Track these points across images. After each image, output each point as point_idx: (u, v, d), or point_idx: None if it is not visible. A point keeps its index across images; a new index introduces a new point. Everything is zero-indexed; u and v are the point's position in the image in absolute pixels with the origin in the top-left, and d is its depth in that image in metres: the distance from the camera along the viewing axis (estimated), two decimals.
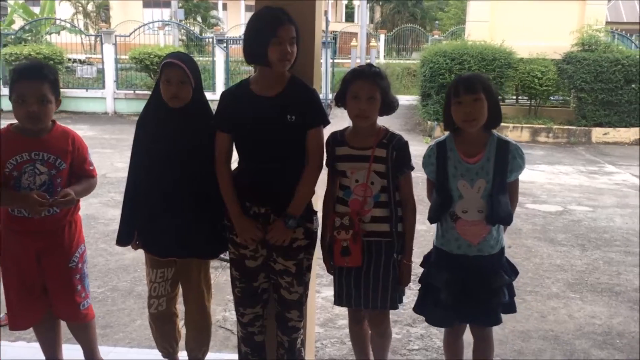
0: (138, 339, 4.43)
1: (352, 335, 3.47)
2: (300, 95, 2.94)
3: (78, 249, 3.32)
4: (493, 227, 3.06)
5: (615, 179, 10.86)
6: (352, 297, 3.17)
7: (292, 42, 2.84)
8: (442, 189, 3.08)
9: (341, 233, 3.06)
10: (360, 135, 3.10)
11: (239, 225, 2.99)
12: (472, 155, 3.03)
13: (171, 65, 3.03)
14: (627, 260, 6.46)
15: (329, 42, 18.16)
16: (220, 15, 38.59)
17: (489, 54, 14.39)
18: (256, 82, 2.99)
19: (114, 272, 5.76)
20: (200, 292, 3.33)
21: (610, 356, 4.37)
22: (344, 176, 3.11)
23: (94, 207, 7.72)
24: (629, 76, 14.32)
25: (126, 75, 18.98)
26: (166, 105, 3.07)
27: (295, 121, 2.90)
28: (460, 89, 2.96)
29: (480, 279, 3.07)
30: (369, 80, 3.00)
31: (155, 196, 3.14)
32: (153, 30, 22.31)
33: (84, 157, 3.27)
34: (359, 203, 3.07)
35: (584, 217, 8.16)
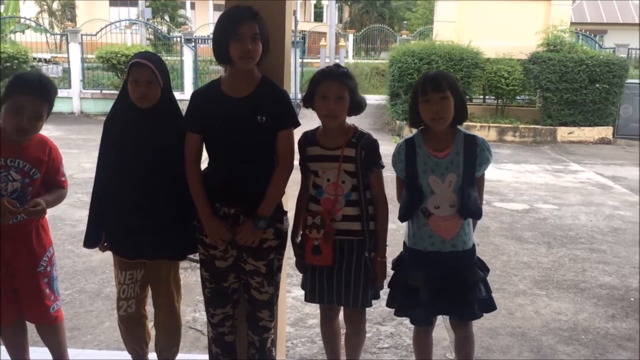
0: (107, 341, 4.39)
1: (324, 334, 3.48)
2: (271, 97, 2.94)
3: (46, 252, 3.28)
4: (465, 222, 3.10)
5: (580, 177, 11.05)
6: (324, 294, 3.18)
7: (254, 40, 2.82)
8: (412, 186, 3.10)
9: (313, 232, 3.08)
10: (330, 135, 3.12)
11: (209, 226, 2.98)
12: (441, 150, 3.07)
13: (139, 65, 3.00)
14: (592, 257, 6.58)
15: (297, 41, 18.16)
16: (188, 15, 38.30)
17: (456, 54, 14.53)
18: (226, 83, 2.98)
19: (82, 274, 5.69)
20: (169, 294, 3.30)
21: (575, 352, 4.45)
22: (316, 176, 3.14)
23: (60, 208, 7.57)
24: (593, 76, 14.59)
25: (93, 74, 18.74)
26: (134, 105, 3.04)
27: (266, 122, 2.90)
28: (427, 87, 2.99)
29: (456, 275, 3.10)
30: (337, 80, 3.03)
31: (123, 197, 3.11)
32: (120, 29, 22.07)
33: (58, 168, 3.25)
34: (331, 202, 3.09)
35: (549, 215, 8.29)
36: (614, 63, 14.68)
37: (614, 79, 14.63)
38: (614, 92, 14.79)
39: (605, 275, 6.03)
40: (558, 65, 14.60)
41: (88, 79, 18.48)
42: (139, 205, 3.09)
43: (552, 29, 15.32)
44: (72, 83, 18.08)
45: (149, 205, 3.09)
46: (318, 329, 4.60)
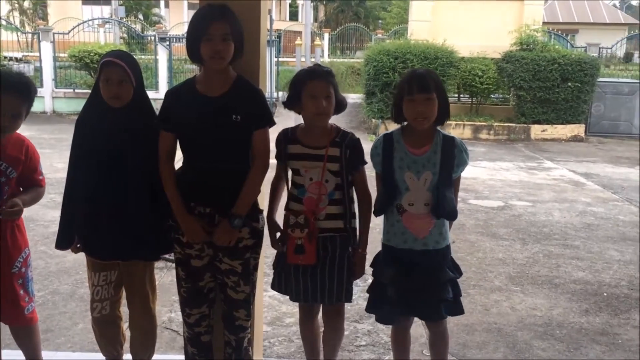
0: (80, 343, 4.33)
1: (303, 332, 3.47)
2: (246, 96, 2.92)
3: (22, 253, 3.23)
4: (439, 222, 3.10)
5: (553, 174, 11.18)
6: (308, 293, 3.17)
7: (225, 39, 2.79)
8: (388, 181, 3.11)
9: (296, 231, 3.07)
10: (313, 134, 3.12)
11: (185, 225, 2.95)
12: (419, 147, 3.07)
13: (110, 65, 2.96)
14: (566, 253, 6.66)
15: (273, 40, 18.12)
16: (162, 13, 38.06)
17: (431, 52, 14.59)
18: (201, 82, 2.95)
19: (55, 275, 5.61)
20: (144, 295, 3.27)
21: (550, 346, 4.50)
22: (298, 174, 3.13)
23: (33, 209, 7.41)
24: (565, 75, 14.75)
25: (65, 73, 18.50)
26: (106, 104, 3.00)
27: (241, 121, 2.88)
28: (414, 87, 2.98)
29: (426, 274, 3.10)
30: (324, 79, 3.05)
31: (95, 198, 3.06)
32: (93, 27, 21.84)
33: (35, 167, 3.21)
34: (314, 201, 3.09)
35: (524, 212, 8.37)
36: (585, 62, 14.86)
37: (585, 78, 14.80)
38: (586, 91, 14.97)
39: (578, 271, 6.10)
40: (531, 64, 14.74)
41: (60, 78, 18.24)
42: (112, 205, 3.05)
43: (525, 29, 15.47)
44: (44, 82, 17.81)
45: (122, 205, 3.05)
46: (295, 327, 4.61)
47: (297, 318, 4.63)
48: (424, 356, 4.25)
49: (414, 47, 14.86)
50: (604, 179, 10.78)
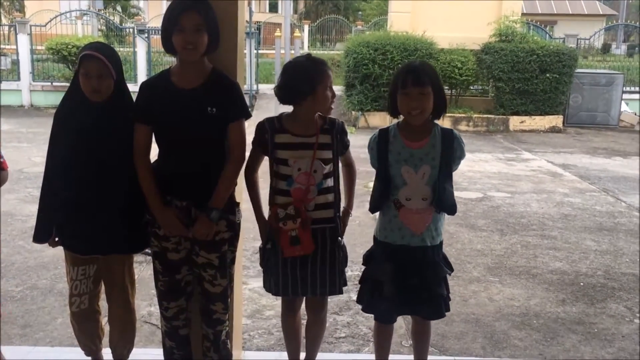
0: (59, 338, 4.31)
1: (285, 325, 3.46)
2: (221, 88, 2.91)
3: None
4: (436, 217, 3.10)
5: (531, 165, 11.27)
6: (298, 286, 3.17)
7: (197, 30, 2.77)
8: (383, 176, 3.10)
9: (288, 223, 3.05)
10: (302, 122, 3.10)
11: (161, 218, 2.94)
12: (416, 140, 3.06)
13: (90, 58, 2.91)
14: (543, 244, 6.73)
15: (252, 32, 18.03)
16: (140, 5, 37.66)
17: (410, 44, 14.60)
18: (176, 74, 2.94)
19: (33, 270, 5.57)
20: (124, 289, 3.26)
21: (528, 336, 4.56)
22: (285, 165, 3.09)
23: (10, 203, 7.43)
24: (543, 66, 14.84)
25: (43, 66, 18.27)
26: (86, 98, 2.96)
27: (216, 114, 2.87)
28: (408, 80, 2.96)
29: (424, 271, 3.11)
30: (328, 68, 3.09)
31: (74, 192, 3.04)
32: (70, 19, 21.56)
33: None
34: (302, 192, 3.07)
35: (502, 203, 8.45)
36: (563, 53, 14.96)
37: (563, 69, 14.91)
38: (564, 82, 15.07)
39: (555, 261, 6.18)
40: (510, 56, 14.81)
41: (38, 70, 18.01)
42: (91, 200, 3.03)
43: (503, 20, 15.53)
44: (21, 75, 17.59)
45: (101, 199, 3.03)
46: (275, 320, 4.63)
47: (277, 311, 4.68)
48: (402, 347, 4.29)
49: (393, 39, 14.86)
50: (581, 169, 10.90)
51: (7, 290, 5.11)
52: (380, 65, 14.48)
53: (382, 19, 26.33)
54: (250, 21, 18.25)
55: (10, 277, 5.40)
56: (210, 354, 3.18)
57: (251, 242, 5.70)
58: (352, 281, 3.80)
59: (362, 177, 3.23)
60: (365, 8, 41.29)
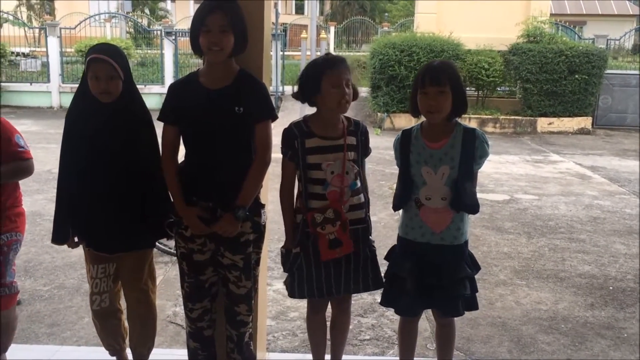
0: (86, 337, 4.35)
1: (311, 326, 3.44)
2: (248, 88, 2.91)
3: (9, 233, 3.21)
4: (457, 217, 3.08)
5: (559, 167, 11.13)
6: (323, 287, 3.16)
7: (223, 31, 2.77)
8: (405, 176, 3.11)
9: (327, 227, 3.04)
10: (328, 125, 3.09)
11: (188, 218, 2.94)
12: (437, 141, 3.05)
13: (97, 61, 2.93)
14: (571, 247, 6.64)
15: (279, 34, 18.08)
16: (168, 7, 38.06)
17: (437, 45, 14.53)
18: (204, 75, 2.94)
19: (61, 270, 5.64)
20: (143, 285, 3.27)
21: (555, 340, 4.49)
22: (318, 169, 3.06)
23: (39, 203, 7.53)
24: (572, 67, 14.67)
25: (72, 68, 18.51)
26: (95, 99, 2.98)
27: (243, 113, 2.87)
28: (426, 80, 2.96)
29: (443, 269, 3.09)
30: (343, 66, 3.02)
31: (87, 191, 3.06)
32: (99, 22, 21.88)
33: (8, 138, 3.16)
34: (337, 194, 3.05)
35: (529, 206, 8.35)
36: (593, 54, 14.77)
37: (593, 70, 14.73)
38: (593, 83, 14.89)
39: (584, 265, 6.09)
40: (538, 57, 14.67)
41: (67, 72, 18.26)
42: (103, 199, 3.05)
43: (532, 21, 15.38)
44: (50, 77, 17.86)
45: (113, 198, 3.04)
46: (299, 322, 4.62)
47: (301, 313, 4.68)
48: (427, 350, 4.26)
49: (420, 40, 14.80)
50: (610, 172, 10.74)
51: (35, 289, 5.18)
52: (407, 66, 14.42)
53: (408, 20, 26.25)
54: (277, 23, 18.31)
55: (38, 276, 5.47)
56: (234, 355, 3.17)
57: (276, 243, 5.70)
58: None
59: (387, 178, 3.20)
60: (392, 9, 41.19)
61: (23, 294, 5.01)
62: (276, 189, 3.21)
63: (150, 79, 17.92)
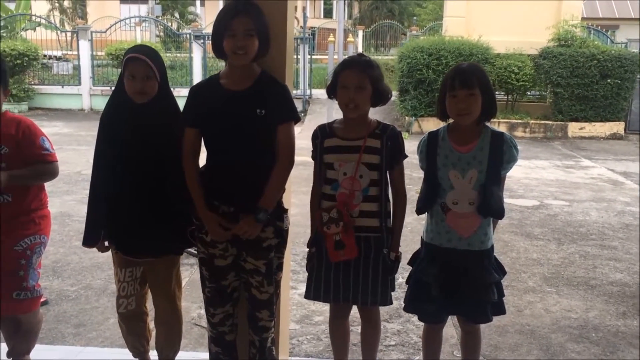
0: (111, 338, 4.36)
1: (333, 331, 3.40)
2: (270, 91, 2.88)
3: (32, 236, 3.20)
4: (484, 222, 3.03)
5: (591, 173, 10.95)
6: (340, 292, 3.11)
7: (247, 35, 2.75)
8: (431, 179, 3.05)
9: (331, 227, 3.00)
10: (351, 126, 3.06)
11: (208, 223, 2.91)
12: (465, 144, 3.00)
13: (135, 60, 2.94)
14: (603, 254, 6.51)
15: (307, 37, 18.09)
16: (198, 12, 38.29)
17: (466, 49, 14.43)
18: (226, 77, 2.93)
19: (88, 270, 5.68)
20: (170, 290, 3.26)
21: (586, 350, 4.39)
22: (331, 169, 3.05)
23: (68, 204, 7.61)
24: (604, 71, 14.47)
25: (103, 71, 18.80)
26: (131, 100, 2.99)
27: (265, 115, 2.84)
28: (456, 82, 2.92)
29: (470, 275, 3.04)
30: (358, 69, 2.97)
31: (122, 194, 3.06)
32: (130, 26, 22.12)
33: (33, 141, 3.15)
34: (346, 196, 3.01)
35: (560, 212, 8.21)
36: (626, 58, 14.56)
37: (625, 74, 14.51)
38: (626, 87, 14.68)
39: (616, 272, 5.96)
40: (569, 60, 14.49)
41: (98, 75, 18.53)
42: (139, 202, 3.04)
43: (563, 24, 15.19)
44: (82, 80, 18.13)
45: (149, 202, 3.04)
46: (324, 326, 4.58)
47: (326, 317, 4.64)
48: (454, 357, 4.19)
49: (448, 44, 14.71)
50: None
51: (63, 289, 5.22)
52: (435, 70, 14.33)
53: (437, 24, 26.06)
54: (305, 26, 18.33)
55: (65, 276, 5.52)
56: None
57: (301, 246, 5.67)
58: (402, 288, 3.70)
59: (415, 182, 3.15)
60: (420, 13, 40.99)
61: (51, 294, 5.06)
62: (302, 192, 3.19)
63: (179, 82, 18.06)
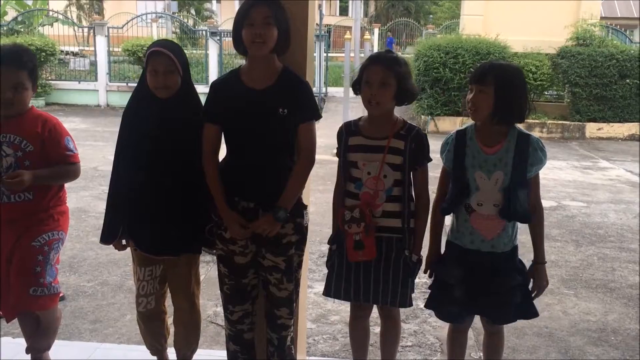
0: (128, 334, 4.37)
1: (352, 332, 3.37)
2: (292, 88, 2.85)
3: (50, 232, 3.18)
4: (508, 224, 2.99)
5: (609, 174, 10.84)
6: (360, 292, 3.08)
7: (266, 23, 2.71)
8: (459, 180, 3.00)
9: (352, 227, 2.97)
10: (376, 124, 3.02)
11: (228, 221, 2.89)
12: (492, 145, 2.95)
13: (158, 54, 2.92)
14: (622, 256, 6.43)
15: (322, 35, 18.07)
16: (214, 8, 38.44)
17: (483, 48, 14.32)
18: (246, 73, 2.89)
19: (104, 266, 5.69)
20: (189, 289, 3.25)
21: (605, 353, 4.34)
22: (355, 167, 3.02)
23: (84, 200, 7.64)
24: (623, 71, 14.32)
25: (119, 67, 18.85)
26: (153, 95, 2.96)
27: (288, 115, 2.81)
28: (472, 77, 2.93)
29: (494, 277, 3.00)
30: (383, 65, 2.93)
31: (144, 191, 3.02)
32: (146, 22, 22.19)
33: (58, 141, 3.15)
34: (370, 196, 2.98)
35: (578, 213, 8.13)
36: None
37: None
38: None
39: (635, 275, 5.88)
40: (587, 60, 14.34)
41: (114, 71, 18.58)
42: (161, 199, 3.02)
43: (581, 23, 15.05)
44: (98, 76, 18.19)
45: (171, 199, 3.01)
46: (340, 325, 4.57)
47: (342, 316, 4.62)
48: (471, 358, 4.15)
49: (465, 42, 14.61)
50: None
51: (79, 285, 5.24)
52: (452, 69, 14.24)
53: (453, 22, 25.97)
54: (321, 24, 18.30)
55: (82, 272, 5.53)
56: (274, 359, 3.13)
57: (317, 245, 5.68)
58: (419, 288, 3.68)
59: (432, 182, 3.10)
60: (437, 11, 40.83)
61: (67, 290, 5.07)
62: (319, 190, 3.17)
63: (195, 78, 18.00)
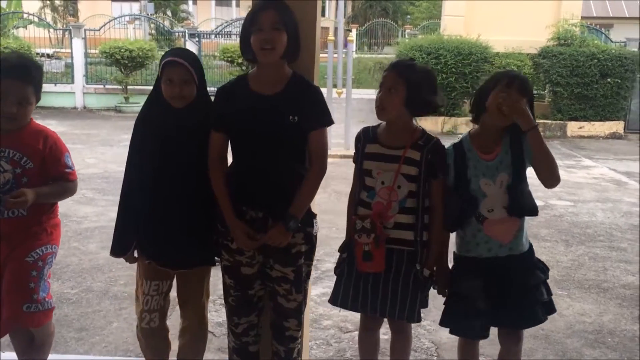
0: (115, 342, 4.22)
1: (362, 344, 3.26)
2: (302, 95, 2.73)
3: (44, 247, 3.03)
4: (522, 223, 2.94)
5: (593, 172, 10.87)
6: (368, 303, 2.97)
7: (275, 29, 2.61)
8: (464, 193, 2.91)
9: (362, 237, 2.87)
10: (393, 132, 2.92)
11: (236, 231, 2.75)
12: (489, 152, 2.90)
13: (173, 64, 2.78)
14: (612, 256, 6.40)
15: None
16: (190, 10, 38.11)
17: (465, 48, 14.35)
18: (254, 79, 2.77)
19: (88, 272, 5.51)
20: (200, 302, 3.10)
21: (603, 355, 4.28)
22: (369, 176, 2.92)
23: (65, 204, 7.34)
24: (604, 70, 14.42)
25: (96, 69, 18.61)
26: (168, 104, 2.82)
27: (298, 122, 2.68)
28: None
29: (515, 279, 2.93)
30: (395, 71, 2.87)
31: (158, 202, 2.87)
32: (122, 24, 21.92)
33: (58, 158, 3.02)
34: (382, 206, 2.88)
35: (565, 212, 8.11)
36: (626, 57, 14.54)
37: (626, 73, 14.48)
38: (626, 87, 14.66)
39: (627, 275, 5.85)
40: (569, 60, 14.44)
41: (91, 74, 18.36)
42: (177, 210, 2.87)
43: (562, 23, 15.13)
44: (75, 78, 17.95)
45: (186, 210, 2.87)
46: (333, 330, 4.47)
47: (334, 321, 4.54)
48: None
49: (447, 43, 14.63)
50: None
51: (63, 292, 5.06)
52: (433, 69, 14.18)
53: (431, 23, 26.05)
54: None
55: (65, 279, 5.35)
56: None
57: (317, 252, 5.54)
58: None
59: None
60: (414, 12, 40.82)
61: None
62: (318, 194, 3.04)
63: None
